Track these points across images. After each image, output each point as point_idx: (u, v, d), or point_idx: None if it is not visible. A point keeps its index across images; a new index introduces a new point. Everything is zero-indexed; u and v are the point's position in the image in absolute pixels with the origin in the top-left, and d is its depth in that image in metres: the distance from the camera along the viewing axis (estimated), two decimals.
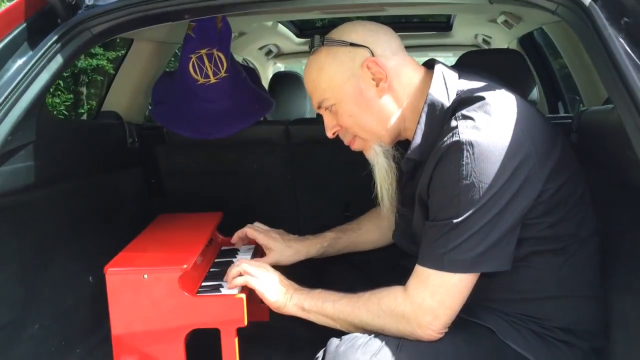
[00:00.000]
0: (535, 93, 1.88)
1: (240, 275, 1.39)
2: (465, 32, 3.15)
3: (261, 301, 1.50)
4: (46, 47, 1.33)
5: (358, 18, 2.45)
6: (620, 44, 1.13)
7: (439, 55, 4.04)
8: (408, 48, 3.37)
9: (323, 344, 1.22)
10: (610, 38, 1.13)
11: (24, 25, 1.37)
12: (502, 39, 2.91)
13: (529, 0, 1.33)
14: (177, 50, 2.47)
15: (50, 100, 7.14)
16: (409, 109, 1.31)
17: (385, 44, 1.31)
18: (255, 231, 1.59)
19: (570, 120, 1.78)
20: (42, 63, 1.31)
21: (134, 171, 2.09)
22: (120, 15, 1.43)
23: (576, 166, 1.29)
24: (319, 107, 1.37)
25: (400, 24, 3.17)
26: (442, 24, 3.13)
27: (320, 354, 1.20)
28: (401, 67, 1.31)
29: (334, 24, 2.90)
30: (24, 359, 1.49)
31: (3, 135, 1.21)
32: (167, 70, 2.32)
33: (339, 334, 1.24)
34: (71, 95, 8.17)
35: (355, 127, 1.35)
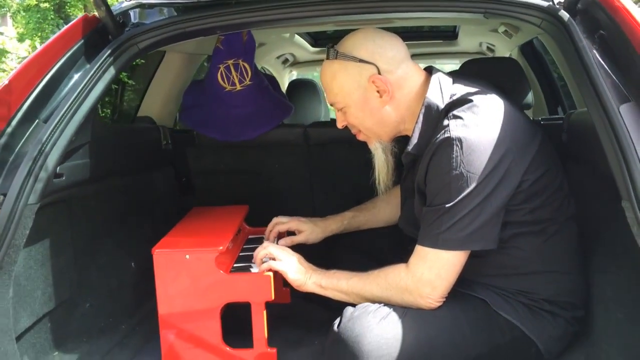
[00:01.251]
0: (530, 97, 2.07)
1: (267, 256, 1.59)
2: (470, 41, 3.33)
3: (285, 284, 1.71)
4: (101, 60, 1.55)
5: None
6: (593, 55, 1.32)
7: (445, 62, 4.23)
8: (417, 56, 3.56)
9: None
10: (584, 49, 1.33)
11: (82, 41, 1.59)
12: (505, 47, 3.09)
13: (518, 16, 1.53)
14: (204, 62, 2.69)
15: None
16: (408, 112, 1.51)
17: (391, 59, 1.49)
18: (285, 223, 1.80)
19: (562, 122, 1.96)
20: (99, 74, 1.53)
21: (167, 170, 2.31)
22: (162, 31, 1.65)
23: (555, 160, 1.48)
24: (332, 105, 1.59)
25: (409, 33, 3.35)
26: (449, 33, 3.30)
27: (337, 321, 1.39)
28: (404, 78, 1.50)
29: (347, 33, 3.09)
30: (78, 331, 1.71)
31: (69, 135, 1.43)
32: (195, 79, 2.54)
33: None
34: None
35: (360, 127, 1.58)
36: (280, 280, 1.74)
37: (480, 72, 1.94)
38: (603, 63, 1.30)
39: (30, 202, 1.33)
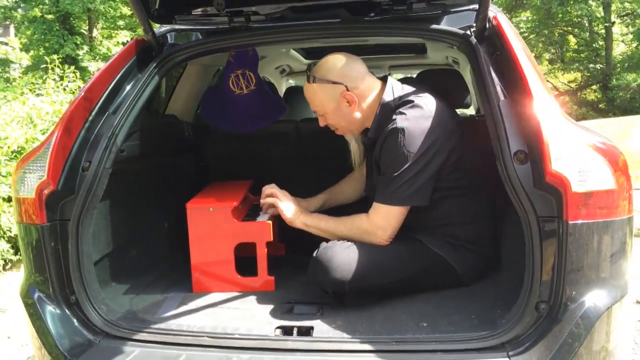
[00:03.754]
0: (469, 99, 2.68)
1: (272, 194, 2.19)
2: (437, 55, 3.94)
3: (280, 240, 2.32)
4: (149, 71, 2.15)
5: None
6: (489, 68, 1.91)
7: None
8: (394, 67, 4.21)
9: None
10: (483, 64, 1.92)
11: (135, 57, 2.20)
12: (465, 61, 3.71)
13: (444, 40, 2.15)
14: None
15: None
16: (370, 112, 2.11)
17: (354, 78, 2.07)
18: (278, 192, 2.34)
19: None
20: (148, 81, 2.13)
21: (189, 155, 2.94)
22: (192, 49, 2.26)
23: (472, 146, 2.08)
24: (314, 112, 2.21)
25: (386, 48, 3.97)
26: (419, 48, 3.92)
27: (316, 251, 2.00)
28: (366, 89, 2.10)
29: (333, 47, 3.70)
30: (127, 269, 2.30)
31: (130, 123, 2.04)
32: (209, 85, 3.17)
33: None
34: None
35: (336, 125, 2.20)
36: (277, 236, 2.35)
37: (431, 79, 2.57)
38: (494, 74, 1.89)
39: (107, 167, 1.95)
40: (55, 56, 8.12)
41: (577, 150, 1.60)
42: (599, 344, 1.60)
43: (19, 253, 4.93)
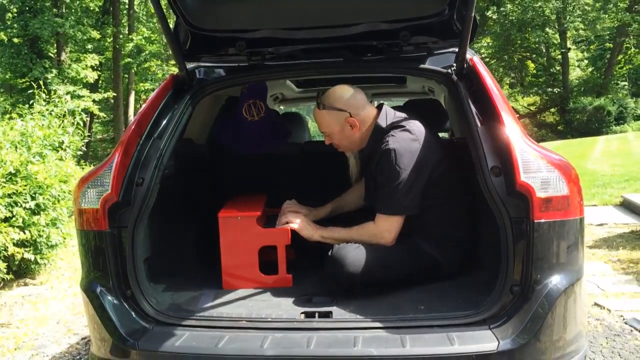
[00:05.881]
0: (448, 124, 3.16)
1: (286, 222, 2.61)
2: (415, 85, 4.44)
3: (291, 246, 2.71)
4: (184, 102, 2.56)
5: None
6: (468, 101, 2.36)
7: (398, 100, 5.37)
8: (377, 95, 4.79)
9: None
10: (464, 97, 2.37)
11: (172, 91, 2.60)
12: (440, 90, 4.21)
13: (429, 76, 2.62)
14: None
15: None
16: (367, 134, 2.56)
17: (357, 107, 2.54)
18: (291, 217, 2.73)
19: None
20: (184, 110, 2.53)
21: (207, 173, 3.33)
22: (217, 83, 2.68)
23: (451, 164, 2.54)
24: (322, 133, 2.64)
25: (372, 78, 4.44)
26: (400, 79, 4.41)
27: (330, 251, 2.41)
28: (366, 116, 2.56)
29: (325, 79, 4.12)
30: (163, 271, 2.64)
31: (172, 146, 2.43)
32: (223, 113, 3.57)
33: None
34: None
35: (339, 144, 2.64)
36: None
37: (416, 107, 3.04)
38: (473, 105, 2.35)
39: (156, 182, 2.33)
40: (25, 79, 8.28)
41: (539, 165, 2.06)
42: (560, 315, 2.03)
43: (10, 273, 5.14)
